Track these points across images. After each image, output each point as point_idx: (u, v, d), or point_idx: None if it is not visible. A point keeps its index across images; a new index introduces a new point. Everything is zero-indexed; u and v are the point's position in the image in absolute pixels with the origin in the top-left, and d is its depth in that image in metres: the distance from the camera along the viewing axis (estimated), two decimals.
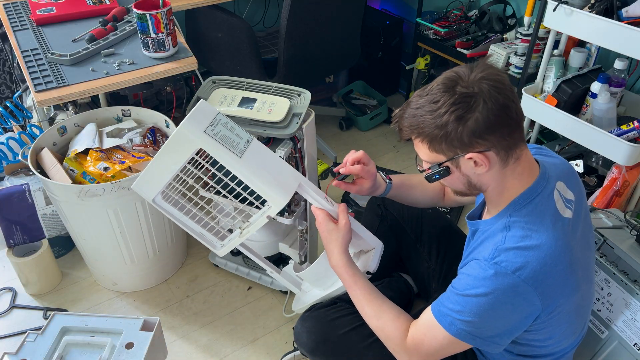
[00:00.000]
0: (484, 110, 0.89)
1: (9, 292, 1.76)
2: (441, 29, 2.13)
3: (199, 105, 1.04)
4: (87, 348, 1.10)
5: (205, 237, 1.22)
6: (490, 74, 0.92)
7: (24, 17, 1.75)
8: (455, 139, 0.92)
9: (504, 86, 0.92)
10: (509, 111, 0.91)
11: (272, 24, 2.76)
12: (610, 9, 1.52)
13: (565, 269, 0.96)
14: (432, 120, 0.92)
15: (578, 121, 1.63)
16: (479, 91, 0.90)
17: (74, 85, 1.44)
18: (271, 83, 1.44)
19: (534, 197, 0.98)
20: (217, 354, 1.58)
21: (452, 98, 0.90)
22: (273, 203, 1.10)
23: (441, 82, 0.94)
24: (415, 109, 0.96)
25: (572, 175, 1.09)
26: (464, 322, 0.96)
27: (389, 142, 2.52)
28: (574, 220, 1.01)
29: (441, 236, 1.45)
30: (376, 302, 1.10)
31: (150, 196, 1.14)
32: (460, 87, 0.91)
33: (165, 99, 2.23)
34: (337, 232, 1.13)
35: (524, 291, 0.93)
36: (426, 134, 0.95)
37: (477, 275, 0.95)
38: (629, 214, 1.49)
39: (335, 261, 1.13)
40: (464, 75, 0.92)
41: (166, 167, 1.08)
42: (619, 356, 1.29)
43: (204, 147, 1.03)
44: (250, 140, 1.09)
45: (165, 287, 1.79)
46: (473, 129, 0.90)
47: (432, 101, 0.93)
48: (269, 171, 1.09)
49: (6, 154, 1.83)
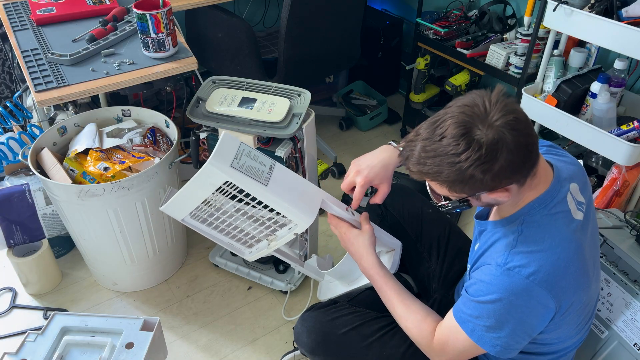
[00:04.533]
0: (509, 156, 0.86)
1: (9, 292, 1.76)
2: (441, 29, 2.13)
3: (223, 138, 1.07)
4: (87, 348, 1.10)
5: (234, 246, 1.27)
6: (507, 110, 0.86)
7: (24, 17, 1.75)
8: (480, 184, 0.89)
9: (523, 123, 0.87)
10: (530, 148, 0.89)
11: (272, 24, 2.76)
12: (610, 9, 1.52)
13: (578, 270, 0.96)
14: (453, 173, 0.87)
15: (578, 121, 1.63)
16: (500, 138, 0.85)
17: (74, 85, 1.44)
18: (271, 83, 1.44)
19: (549, 202, 0.98)
20: (217, 354, 1.58)
21: (477, 154, 0.85)
22: (299, 222, 1.14)
23: (455, 126, 0.86)
24: (428, 156, 0.89)
25: (583, 176, 1.09)
26: (484, 327, 0.97)
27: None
28: (584, 222, 1.02)
29: (441, 236, 1.45)
30: (406, 302, 1.12)
31: (179, 217, 1.20)
32: (479, 132, 0.85)
33: (165, 99, 2.23)
34: (362, 236, 1.16)
35: (538, 294, 0.93)
36: (446, 182, 0.90)
37: (490, 282, 0.96)
38: (629, 214, 1.49)
39: (366, 264, 1.16)
40: (480, 114, 0.86)
41: (194, 196, 1.13)
42: (619, 356, 1.29)
43: (232, 181, 1.06)
44: (274, 165, 1.13)
45: (165, 287, 1.79)
46: (498, 174, 0.87)
47: (451, 152, 0.86)
48: (294, 194, 1.13)
49: (6, 154, 1.83)
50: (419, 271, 1.48)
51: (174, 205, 1.16)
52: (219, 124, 1.40)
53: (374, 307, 1.22)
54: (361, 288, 1.36)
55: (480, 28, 2.14)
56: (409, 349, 1.15)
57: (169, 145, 1.66)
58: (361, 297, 1.34)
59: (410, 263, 1.51)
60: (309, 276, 1.71)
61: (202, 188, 1.10)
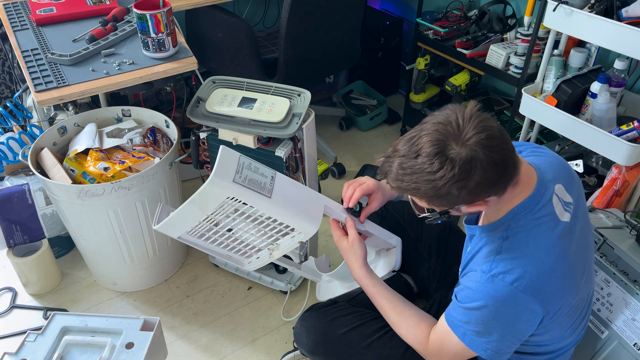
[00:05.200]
0: (483, 174, 0.87)
1: (9, 292, 1.76)
2: (441, 29, 2.13)
3: (222, 153, 1.03)
4: (87, 348, 1.10)
5: (233, 258, 1.26)
6: (481, 128, 0.87)
7: (24, 17, 1.75)
8: (457, 198, 0.90)
9: (496, 139, 0.88)
10: (506, 163, 0.89)
11: (272, 24, 2.76)
12: (610, 9, 1.52)
13: (564, 274, 0.97)
14: (430, 189, 0.89)
15: (578, 121, 1.63)
16: (473, 157, 0.86)
17: (74, 85, 1.44)
18: (271, 83, 1.44)
19: (533, 206, 0.98)
20: (217, 354, 1.58)
21: (451, 172, 0.86)
22: (304, 231, 1.14)
23: (430, 144, 0.88)
24: (405, 174, 0.91)
25: (569, 174, 1.08)
26: (474, 332, 0.99)
27: (389, 142, 2.50)
28: (571, 223, 1.01)
29: (441, 236, 1.45)
30: (398, 309, 1.14)
31: (175, 235, 1.16)
32: (454, 150, 0.86)
33: (165, 99, 2.23)
34: (350, 248, 1.18)
35: (523, 300, 0.94)
36: (424, 196, 0.92)
37: (476, 288, 0.97)
38: (629, 214, 1.49)
39: (356, 275, 1.18)
40: (454, 132, 0.87)
41: (194, 215, 1.09)
42: (619, 356, 1.29)
43: (236, 196, 1.04)
44: (275, 176, 1.10)
45: (165, 287, 1.79)
46: (474, 190, 0.88)
47: (427, 171, 0.88)
48: (298, 203, 1.12)
49: (6, 154, 1.83)
50: (419, 271, 1.48)
51: (171, 224, 1.11)
52: (219, 124, 1.40)
53: (373, 307, 1.22)
54: (361, 288, 1.36)
55: (480, 28, 2.14)
56: (409, 349, 1.15)
57: (169, 145, 1.66)
58: (361, 297, 1.34)
59: (410, 263, 1.51)
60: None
61: (204, 206, 1.06)
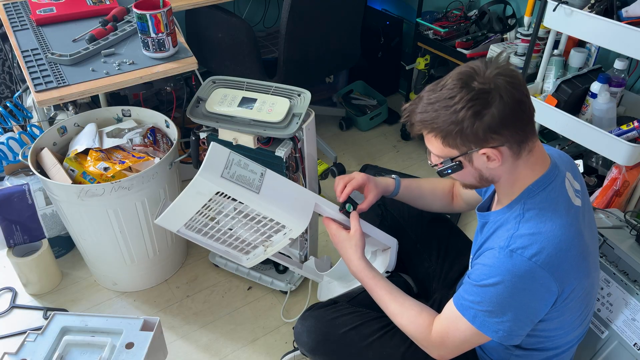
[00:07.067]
0: (500, 105, 0.90)
1: (9, 292, 1.76)
2: (441, 29, 2.13)
3: (212, 149, 1.08)
4: (87, 348, 1.10)
5: (230, 254, 1.28)
6: (505, 69, 0.92)
7: (24, 17, 1.75)
8: (471, 134, 0.92)
9: (519, 81, 0.93)
10: (523, 106, 0.93)
11: (272, 24, 2.76)
12: (610, 9, 1.52)
13: (578, 254, 0.97)
14: (447, 116, 0.92)
15: (578, 121, 1.63)
16: (495, 87, 0.90)
17: (74, 85, 1.44)
18: (271, 83, 1.44)
19: (547, 185, 0.99)
20: (217, 354, 1.58)
21: (470, 94, 0.90)
22: (294, 227, 1.15)
23: (456, 77, 0.93)
24: (429, 104, 0.95)
25: (574, 167, 1.11)
26: (486, 313, 0.97)
27: (389, 142, 2.52)
28: (582, 209, 1.03)
29: (441, 236, 1.45)
30: (398, 300, 1.13)
31: (174, 229, 1.20)
32: (476, 82, 0.91)
33: (165, 99, 2.23)
34: (349, 240, 1.18)
35: (540, 276, 0.94)
36: (441, 129, 0.95)
37: (492, 264, 0.96)
38: (629, 214, 1.49)
39: (354, 267, 1.18)
40: (480, 70, 0.92)
41: (187, 208, 1.14)
42: (619, 356, 1.29)
43: (223, 191, 1.07)
44: (264, 172, 1.14)
45: (165, 287, 1.79)
46: (489, 124, 0.91)
47: (448, 97, 0.92)
48: (287, 200, 1.14)
49: (6, 154, 1.83)
50: (419, 271, 1.48)
51: (168, 218, 1.16)
52: (219, 124, 1.40)
53: (374, 307, 1.22)
54: (361, 288, 1.36)
55: (480, 28, 2.14)
56: (409, 349, 1.15)
57: (169, 145, 1.66)
58: (361, 297, 1.34)
59: (410, 263, 1.51)
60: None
61: (194, 199, 1.10)
